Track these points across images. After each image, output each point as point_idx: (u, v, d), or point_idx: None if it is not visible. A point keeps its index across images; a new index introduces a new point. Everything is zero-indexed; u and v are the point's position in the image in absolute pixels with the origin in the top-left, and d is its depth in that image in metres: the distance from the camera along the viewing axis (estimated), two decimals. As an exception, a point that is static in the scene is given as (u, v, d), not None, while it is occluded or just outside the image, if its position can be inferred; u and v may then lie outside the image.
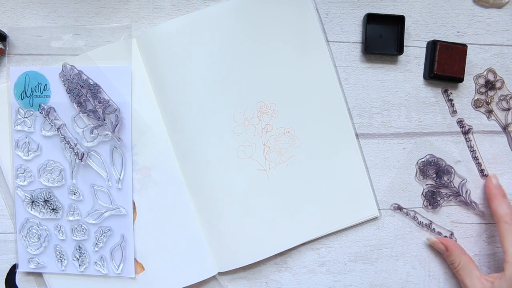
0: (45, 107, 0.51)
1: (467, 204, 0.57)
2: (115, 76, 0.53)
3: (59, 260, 0.54)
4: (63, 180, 0.54)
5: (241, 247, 0.54)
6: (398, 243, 0.57)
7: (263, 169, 0.54)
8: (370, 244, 0.56)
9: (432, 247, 0.56)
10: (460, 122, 0.57)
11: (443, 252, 0.55)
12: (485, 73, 0.57)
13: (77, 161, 0.53)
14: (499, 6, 0.57)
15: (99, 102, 0.48)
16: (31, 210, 0.54)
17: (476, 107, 0.57)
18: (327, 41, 0.56)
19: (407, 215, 0.56)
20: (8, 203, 0.55)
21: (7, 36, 0.53)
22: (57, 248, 0.54)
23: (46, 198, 0.54)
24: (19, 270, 0.55)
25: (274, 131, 0.54)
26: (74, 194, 0.54)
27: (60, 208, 0.54)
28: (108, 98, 0.49)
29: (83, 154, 0.48)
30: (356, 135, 0.56)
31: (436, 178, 0.56)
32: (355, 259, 0.56)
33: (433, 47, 0.55)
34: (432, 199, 0.56)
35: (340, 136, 0.55)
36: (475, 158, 0.57)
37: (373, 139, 0.56)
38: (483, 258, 0.57)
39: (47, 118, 0.51)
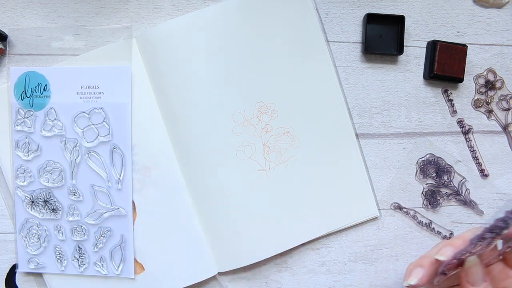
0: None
1: (466, 203, 0.57)
2: (115, 77, 0.53)
3: (59, 261, 0.54)
4: (63, 181, 0.54)
5: (241, 247, 0.54)
6: (398, 243, 0.57)
7: (263, 169, 0.54)
8: (370, 244, 0.56)
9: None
10: (460, 122, 0.57)
11: (479, 282, 0.41)
12: (485, 73, 0.57)
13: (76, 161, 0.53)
14: (499, 6, 0.57)
15: None
16: (31, 210, 0.54)
17: (476, 107, 0.57)
18: (327, 41, 0.56)
19: (407, 214, 0.56)
20: (8, 203, 0.55)
21: (7, 36, 0.53)
22: (56, 249, 0.54)
23: (46, 199, 0.54)
24: (18, 270, 0.55)
25: (274, 131, 0.54)
26: (74, 195, 0.54)
27: (60, 209, 0.54)
28: None
29: None
30: (356, 135, 0.56)
31: (436, 177, 0.56)
32: (355, 259, 0.56)
33: (433, 47, 0.55)
34: (432, 198, 0.56)
35: (340, 136, 0.55)
36: (475, 158, 0.57)
37: (373, 139, 0.56)
38: (483, 258, 0.57)
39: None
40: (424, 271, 0.42)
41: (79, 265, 0.54)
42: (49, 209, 0.54)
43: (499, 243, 0.42)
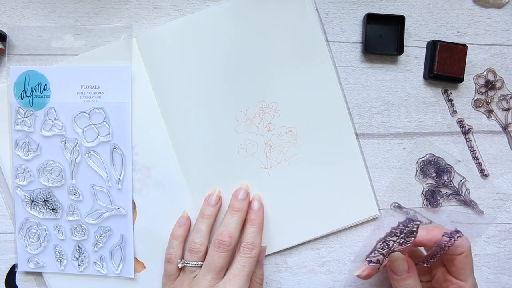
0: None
1: (466, 203, 0.57)
2: (115, 77, 0.53)
3: (59, 260, 0.54)
4: (63, 180, 0.54)
5: (241, 247, 0.54)
6: (398, 243, 0.57)
7: (265, 167, 0.54)
8: (370, 244, 0.56)
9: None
10: (460, 122, 0.57)
11: (401, 273, 0.48)
12: (485, 73, 0.57)
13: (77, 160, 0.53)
14: (499, 6, 0.57)
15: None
16: (31, 210, 0.54)
17: (476, 107, 0.57)
18: (327, 41, 0.56)
19: (407, 214, 0.56)
20: (8, 203, 0.55)
21: (7, 36, 0.53)
22: (56, 248, 0.54)
23: (45, 198, 0.54)
24: (18, 270, 0.54)
25: (276, 130, 0.54)
26: (74, 194, 0.54)
27: (59, 208, 0.54)
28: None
29: None
30: (356, 135, 0.56)
31: (436, 177, 0.56)
32: (355, 259, 0.56)
33: (433, 47, 0.55)
34: (432, 198, 0.56)
35: (341, 136, 0.55)
36: (475, 158, 0.57)
37: (373, 139, 0.56)
38: (483, 258, 0.57)
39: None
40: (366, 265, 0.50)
41: (79, 265, 0.54)
42: (49, 208, 0.54)
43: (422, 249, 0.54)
